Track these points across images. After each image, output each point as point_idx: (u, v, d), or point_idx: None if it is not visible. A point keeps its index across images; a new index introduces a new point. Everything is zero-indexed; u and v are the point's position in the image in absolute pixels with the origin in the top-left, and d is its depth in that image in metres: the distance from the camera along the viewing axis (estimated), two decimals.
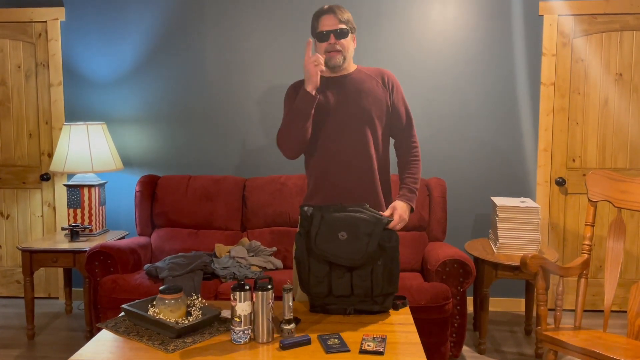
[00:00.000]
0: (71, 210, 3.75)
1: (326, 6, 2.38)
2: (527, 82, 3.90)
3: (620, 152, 3.92)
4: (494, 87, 3.92)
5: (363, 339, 2.00)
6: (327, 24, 2.34)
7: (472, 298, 3.88)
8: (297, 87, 2.41)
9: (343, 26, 2.34)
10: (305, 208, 2.28)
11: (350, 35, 2.38)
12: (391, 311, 2.31)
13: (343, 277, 2.20)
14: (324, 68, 2.28)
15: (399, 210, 2.34)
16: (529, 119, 3.92)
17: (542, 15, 3.84)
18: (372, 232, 2.19)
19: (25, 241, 4.24)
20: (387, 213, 2.32)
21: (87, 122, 3.78)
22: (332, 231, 2.19)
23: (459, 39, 3.90)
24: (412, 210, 2.42)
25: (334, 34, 2.33)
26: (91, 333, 3.48)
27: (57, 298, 4.31)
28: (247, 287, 1.99)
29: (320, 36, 2.35)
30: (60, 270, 4.21)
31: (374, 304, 2.24)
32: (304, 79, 2.30)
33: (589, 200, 2.72)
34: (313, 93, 2.25)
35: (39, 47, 4.13)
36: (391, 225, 2.27)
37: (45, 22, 4.08)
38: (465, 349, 3.44)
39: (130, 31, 4.04)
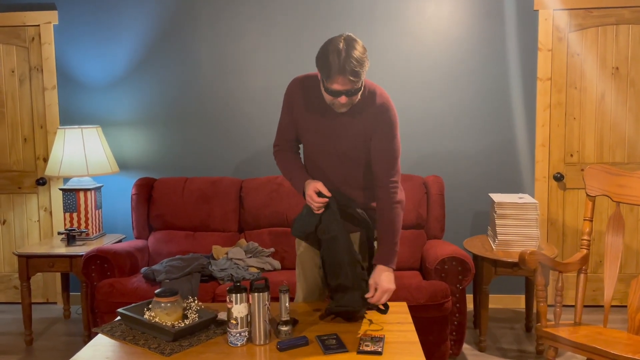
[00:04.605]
0: (67, 215, 3.73)
1: (338, 64, 1.97)
2: (524, 77, 3.88)
3: (618, 147, 3.91)
4: (490, 83, 3.90)
5: (361, 339, 1.98)
6: (340, 83, 2.01)
7: (471, 295, 3.87)
8: (302, 86, 2.26)
9: (357, 86, 2.04)
10: None
11: (362, 84, 2.10)
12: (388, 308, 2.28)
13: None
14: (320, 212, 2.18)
15: (382, 285, 2.14)
16: (526, 115, 3.91)
17: (537, 10, 3.82)
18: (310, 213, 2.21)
19: (22, 246, 4.22)
20: (370, 294, 2.16)
21: (81, 126, 3.76)
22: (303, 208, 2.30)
23: (454, 36, 3.89)
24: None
25: (346, 94, 2.05)
26: (89, 338, 3.47)
27: (56, 303, 4.29)
28: (244, 289, 1.97)
29: (331, 92, 2.05)
30: (58, 275, 4.19)
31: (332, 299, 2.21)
32: (306, 192, 2.19)
33: (587, 195, 2.70)
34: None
35: (33, 51, 4.11)
36: (374, 301, 2.15)
37: (39, 25, 4.06)
38: (465, 347, 3.42)
39: (124, 33, 4.03)
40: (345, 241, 2.15)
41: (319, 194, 2.16)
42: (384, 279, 2.16)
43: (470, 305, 3.95)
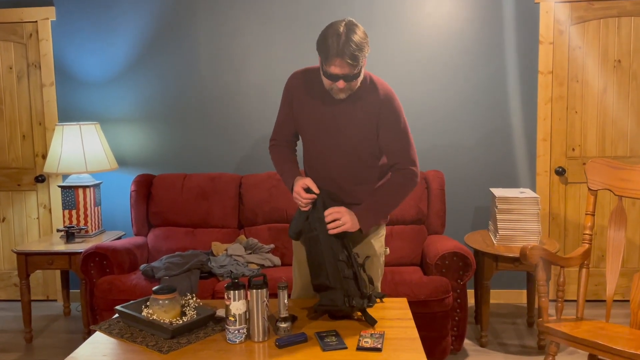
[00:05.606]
0: (66, 212, 3.71)
1: (336, 47, 1.97)
2: (525, 71, 3.85)
3: (620, 140, 3.88)
4: (491, 76, 3.87)
5: (360, 336, 1.96)
6: (338, 66, 2.00)
7: (472, 291, 3.85)
8: (303, 78, 2.23)
9: (356, 71, 2.02)
10: None
11: (362, 70, 2.07)
12: (386, 305, 2.26)
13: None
14: (306, 209, 2.16)
15: (342, 213, 2.12)
16: (527, 109, 3.88)
17: (538, 3, 3.79)
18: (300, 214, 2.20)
19: (21, 244, 4.21)
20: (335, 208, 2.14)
21: (80, 123, 3.74)
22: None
23: (455, 29, 3.85)
24: (361, 230, 2.17)
25: (344, 79, 2.03)
26: (89, 335, 3.45)
27: (55, 300, 4.28)
28: (242, 285, 1.95)
29: (329, 76, 2.04)
30: (58, 273, 4.18)
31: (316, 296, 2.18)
32: (293, 188, 2.18)
33: (589, 189, 2.68)
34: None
35: (30, 48, 4.09)
36: (327, 213, 2.11)
37: (36, 22, 4.04)
38: (466, 343, 3.41)
39: (121, 29, 4.00)
40: (326, 240, 2.09)
41: (308, 190, 2.14)
42: (347, 213, 2.13)
43: (471, 301, 3.93)
